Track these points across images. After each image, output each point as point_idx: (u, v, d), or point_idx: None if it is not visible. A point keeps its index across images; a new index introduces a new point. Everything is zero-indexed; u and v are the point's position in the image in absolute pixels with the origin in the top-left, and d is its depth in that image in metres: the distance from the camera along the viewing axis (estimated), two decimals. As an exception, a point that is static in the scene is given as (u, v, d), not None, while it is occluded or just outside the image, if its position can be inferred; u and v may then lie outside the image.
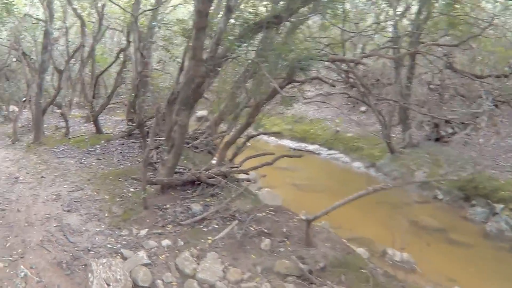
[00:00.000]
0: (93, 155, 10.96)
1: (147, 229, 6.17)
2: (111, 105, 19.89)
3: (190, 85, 6.73)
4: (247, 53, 7.02)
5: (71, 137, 12.81)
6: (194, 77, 6.56)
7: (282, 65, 6.33)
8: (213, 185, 7.50)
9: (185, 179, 7.64)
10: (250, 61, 7.08)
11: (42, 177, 8.98)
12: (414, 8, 12.63)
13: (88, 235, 6.13)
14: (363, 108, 17.26)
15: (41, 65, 12.54)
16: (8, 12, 11.79)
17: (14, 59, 16.79)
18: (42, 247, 5.65)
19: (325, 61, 8.02)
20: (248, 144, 9.18)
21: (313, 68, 6.97)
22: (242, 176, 8.42)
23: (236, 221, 6.12)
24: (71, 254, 5.57)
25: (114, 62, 14.52)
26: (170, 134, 7.93)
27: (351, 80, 12.33)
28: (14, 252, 5.52)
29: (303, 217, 5.95)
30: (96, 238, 6.04)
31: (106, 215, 6.80)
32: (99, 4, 13.81)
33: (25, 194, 7.84)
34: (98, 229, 6.30)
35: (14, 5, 11.95)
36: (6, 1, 11.20)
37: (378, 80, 17.05)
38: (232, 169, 8.10)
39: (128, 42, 12.54)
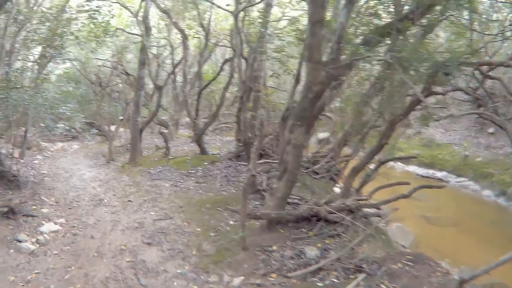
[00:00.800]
0: (192, 178, 11.16)
1: (242, 277, 5.45)
2: (223, 124, 21.12)
3: (307, 95, 6.42)
4: (373, 61, 7.11)
5: (171, 157, 13.51)
6: (311, 85, 6.25)
7: (421, 69, 6.19)
8: (335, 222, 6.78)
9: (299, 214, 7.01)
10: (379, 67, 7.28)
11: (129, 200, 9.37)
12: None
13: (166, 277, 5.72)
14: (491, 130, 18.62)
15: (138, 81, 13.84)
16: (106, 32, 13.67)
17: (118, 79, 19.49)
18: (105, 287, 5.49)
19: (473, 64, 7.73)
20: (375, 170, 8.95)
21: (456, 75, 6.93)
22: (370, 209, 7.92)
23: (363, 275, 5.30)
24: (137, 303, 5.24)
25: (218, 74, 15.22)
26: (283, 156, 7.70)
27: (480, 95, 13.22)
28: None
29: (455, 276, 5.38)
30: (175, 283, 5.55)
31: (194, 253, 6.37)
32: (205, 19, 15.02)
33: (105, 219, 8.16)
34: (179, 271, 5.85)
35: (110, 25, 13.75)
36: (103, 23, 13.02)
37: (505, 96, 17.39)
38: (360, 202, 7.39)
39: (233, 50, 12.94)
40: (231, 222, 7.54)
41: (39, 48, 11.61)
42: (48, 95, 10.63)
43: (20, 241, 6.88)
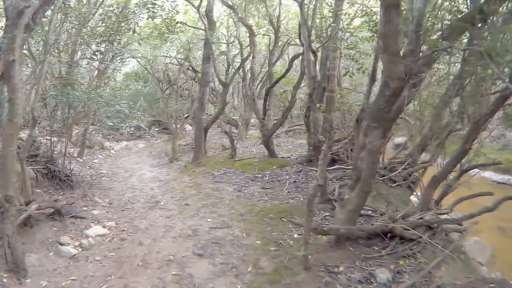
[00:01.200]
0: (258, 183, 10.53)
1: (302, 305, 4.67)
2: (296, 126, 20.41)
3: (384, 93, 5.81)
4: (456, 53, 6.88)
5: (237, 159, 13.01)
6: (388, 81, 5.64)
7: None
8: (411, 239, 5.98)
9: (371, 230, 6.20)
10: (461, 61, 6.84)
11: (186, 204, 8.91)
12: None
13: (213, 297, 5.12)
14: None
15: (202, 77, 13.51)
16: (171, 29, 13.60)
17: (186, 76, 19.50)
18: (142, 303, 4.94)
19: None
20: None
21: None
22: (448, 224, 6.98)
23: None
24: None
25: (287, 72, 14.50)
26: (356, 163, 6.92)
27: None
28: (106, 301, 5.02)
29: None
30: (222, 306, 4.93)
31: (249, 269, 5.65)
32: (275, 16, 14.48)
33: (158, 224, 7.73)
34: (230, 290, 5.23)
35: (175, 21, 13.79)
36: (167, 19, 12.90)
37: None
38: (441, 217, 6.60)
39: (302, 44, 12.21)
40: (296, 236, 6.75)
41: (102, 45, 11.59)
42: (110, 93, 10.45)
43: (62, 244, 6.65)
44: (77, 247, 6.63)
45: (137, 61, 18.42)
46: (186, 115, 16.12)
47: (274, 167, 11.99)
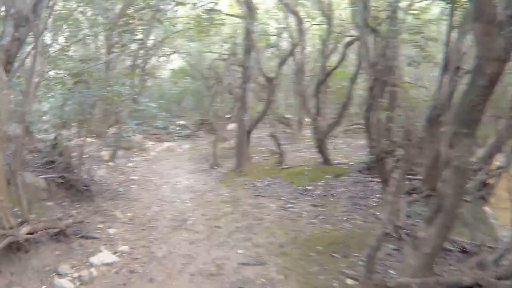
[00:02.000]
0: (307, 198, 8.91)
1: None
2: (354, 125, 18.36)
3: (477, 83, 4.13)
4: None
5: (285, 166, 11.42)
6: (483, 63, 4.03)
7: None
8: None
9: (456, 283, 4.40)
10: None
11: (217, 226, 7.46)
12: None
13: None
14: None
15: (244, 72, 11.99)
16: (212, 23, 12.53)
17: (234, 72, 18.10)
18: None
19: None
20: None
21: None
22: None
23: None
24: None
25: (340, 62, 12.60)
26: (432, 181, 5.17)
27: None
28: None
29: None
30: None
31: None
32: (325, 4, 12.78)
33: (179, 251, 6.29)
34: None
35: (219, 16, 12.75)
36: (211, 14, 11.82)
37: None
38: None
39: (357, 26, 10.34)
40: (349, 282, 5.07)
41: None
42: (134, 91, 9.13)
43: (60, 274, 5.42)
44: (75, 279, 5.37)
45: (181, 57, 17.34)
46: (228, 116, 14.62)
47: (328, 176, 10.31)
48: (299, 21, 12.62)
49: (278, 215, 7.95)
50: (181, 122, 21.03)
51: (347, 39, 14.75)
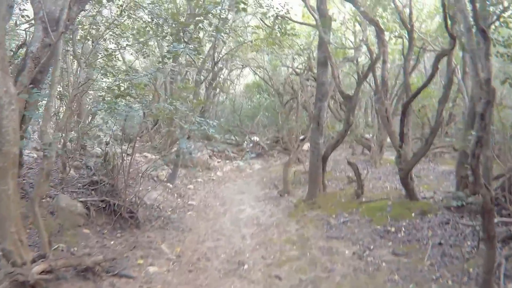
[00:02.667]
0: (388, 243, 7.28)
1: None
2: (437, 149, 16.07)
3: None
4: None
5: (364, 200, 9.84)
6: None
7: None
8: None
9: None
10: None
11: (277, 276, 6.07)
12: None
13: None
14: None
15: (318, 89, 10.61)
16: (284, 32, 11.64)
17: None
18: None
19: None
20: None
21: None
22: None
23: None
24: None
25: (431, 78, 10.67)
26: None
27: None
28: None
29: None
30: None
31: None
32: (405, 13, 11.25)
33: (225, 311, 5.10)
34: None
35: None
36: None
37: None
38: None
39: (453, 38, 8.47)
40: None
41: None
42: (189, 108, 7.98)
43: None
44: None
45: (253, 70, 16.32)
46: (302, 137, 13.15)
47: (413, 214, 8.58)
48: (380, 30, 10.94)
49: (352, 265, 6.43)
50: (255, 138, 20.06)
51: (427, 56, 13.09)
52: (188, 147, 7.19)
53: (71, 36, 7.24)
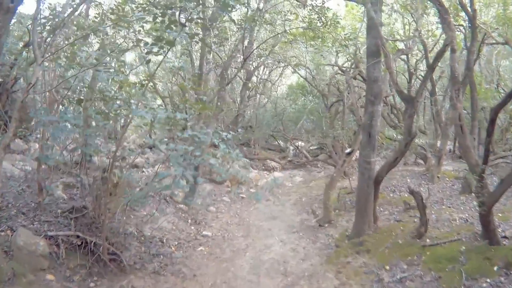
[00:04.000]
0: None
1: None
2: (500, 159, 13.18)
3: None
4: None
5: (428, 242, 7.47)
6: None
7: None
8: None
9: None
10: None
11: None
12: None
13: None
14: None
15: (369, 88, 8.27)
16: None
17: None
18: None
19: None
20: None
21: None
22: None
23: None
24: None
25: None
26: None
27: None
28: None
29: None
30: None
31: None
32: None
33: None
34: None
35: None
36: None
37: None
38: None
39: None
40: None
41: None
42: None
43: None
44: None
45: (295, 69, 14.30)
46: (348, 150, 10.67)
47: (495, 268, 6.18)
48: (444, 11, 8.38)
49: None
50: (300, 143, 18.14)
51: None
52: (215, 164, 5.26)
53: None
